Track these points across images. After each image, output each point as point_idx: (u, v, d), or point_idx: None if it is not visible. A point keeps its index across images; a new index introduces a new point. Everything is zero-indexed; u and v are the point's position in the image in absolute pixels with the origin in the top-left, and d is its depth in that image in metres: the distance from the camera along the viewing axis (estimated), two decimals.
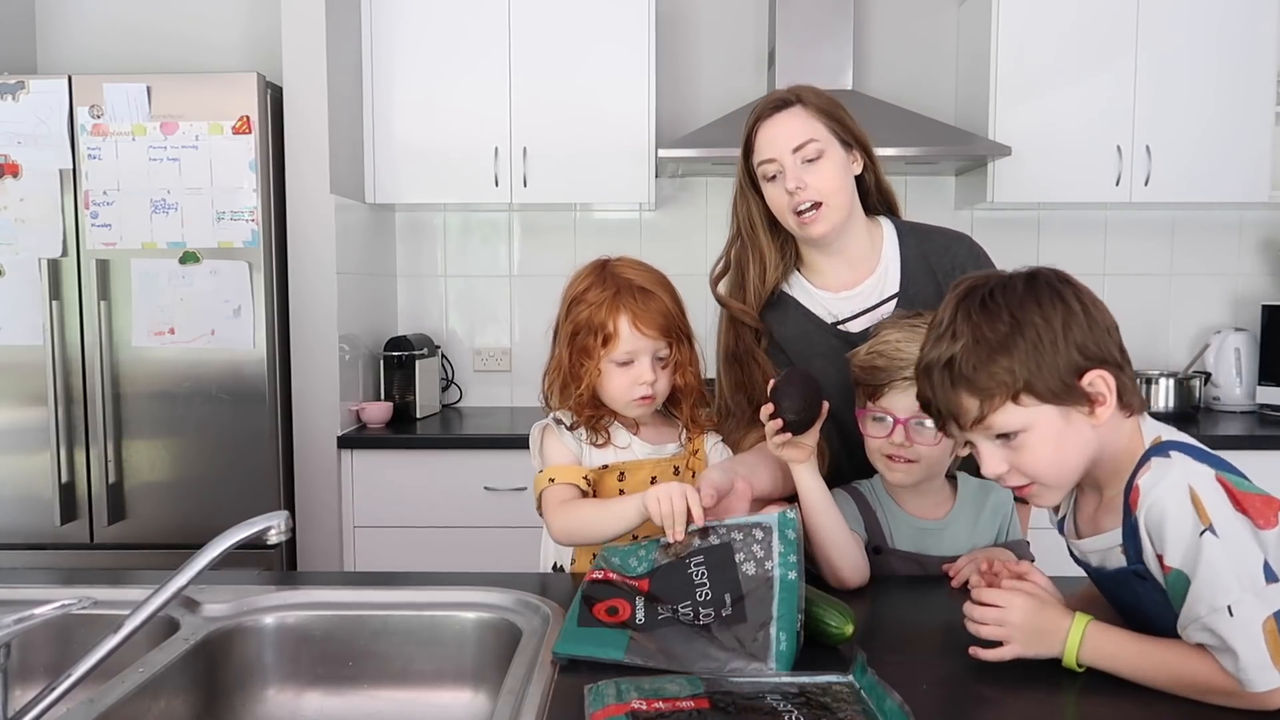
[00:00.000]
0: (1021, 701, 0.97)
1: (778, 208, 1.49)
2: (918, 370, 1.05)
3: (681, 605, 1.10)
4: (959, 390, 0.99)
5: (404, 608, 1.26)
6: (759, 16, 3.17)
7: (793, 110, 1.47)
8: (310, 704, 1.22)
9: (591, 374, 1.37)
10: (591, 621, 1.10)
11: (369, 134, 2.91)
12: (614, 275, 1.39)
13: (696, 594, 1.11)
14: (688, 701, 0.90)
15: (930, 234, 1.59)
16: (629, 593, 1.13)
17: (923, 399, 1.05)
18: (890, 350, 1.32)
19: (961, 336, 0.99)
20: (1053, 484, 1.02)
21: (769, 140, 1.47)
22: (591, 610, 1.12)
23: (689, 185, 3.27)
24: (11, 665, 0.87)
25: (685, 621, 1.08)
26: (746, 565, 1.11)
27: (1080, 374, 0.97)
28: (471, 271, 3.30)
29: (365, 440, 2.73)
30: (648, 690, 0.93)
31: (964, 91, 3.13)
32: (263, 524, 0.90)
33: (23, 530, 2.56)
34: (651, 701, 0.90)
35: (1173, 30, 2.82)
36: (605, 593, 1.14)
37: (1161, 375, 3.00)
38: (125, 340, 2.53)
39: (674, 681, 0.96)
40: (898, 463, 1.34)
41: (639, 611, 1.11)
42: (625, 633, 1.08)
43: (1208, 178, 2.86)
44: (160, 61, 3.12)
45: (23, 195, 2.51)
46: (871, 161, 1.54)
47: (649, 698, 0.91)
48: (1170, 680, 0.95)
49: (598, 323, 1.35)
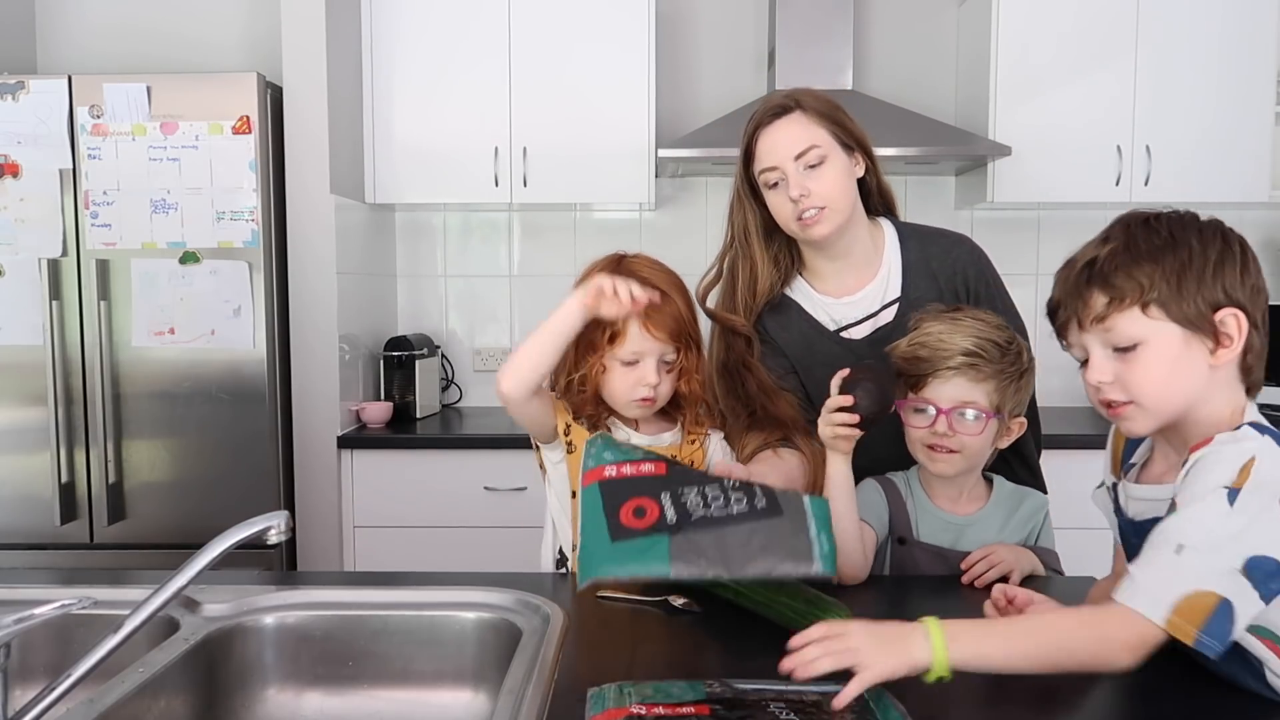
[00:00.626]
0: (1022, 701, 0.97)
1: (781, 215, 1.48)
2: (1061, 272, 1.03)
3: (709, 487, 1.03)
4: (1092, 287, 0.97)
5: (404, 608, 1.26)
6: (759, 16, 3.17)
7: (792, 116, 1.46)
8: (310, 704, 1.22)
9: (595, 370, 1.36)
10: (624, 532, 0.99)
11: (369, 134, 2.91)
12: (630, 272, 1.37)
13: (724, 481, 1.05)
14: (689, 708, 0.88)
15: (932, 237, 1.59)
16: (650, 485, 1.03)
17: (1051, 302, 1.03)
18: (933, 341, 1.34)
19: (1114, 241, 0.98)
20: (1150, 408, 0.97)
21: (769, 148, 1.46)
22: (619, 516, 1.00)
23: (689, 185, 3.27)
24: (11, 665, 0.87)
25: (718, 514, 1.00)
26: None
27: (1216, 309, 0.94)
28: (471, 271, 3.30)
29: (365, 440, 2.73)
30: (650, 696, 0.91)
31: (964, 91, 3.13)
32: (263, 524, 0.90)
33: (23, 530, 2.56)
34: (651, 706, 0.88)
35: (1173, 30, 2.82)
36: (624, 491, 1.03)
37: None
38: (125, 340, 2.53)
39: (676, 685, 0.94)
40: (939, 453, 1.34)
41: (668, 509, 1.00)
42: (663, 537, 0.98)
43: (1208, 177, 2.86)
44: (160, 61, 3.12)
45: (23, 195, 2.51)
46: (872, 163, 1.53)
47: (649, 703, 0.89)
48: (1042, 654, 0.92)
49: (607, 320, 1.34)
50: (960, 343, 1.32)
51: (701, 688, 0.93)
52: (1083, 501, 1.20)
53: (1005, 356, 1.34)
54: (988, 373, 1.32)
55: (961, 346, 1.32)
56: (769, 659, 1.03)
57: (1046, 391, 1.57)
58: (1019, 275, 3.28)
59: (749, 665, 1.03)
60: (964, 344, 1.32)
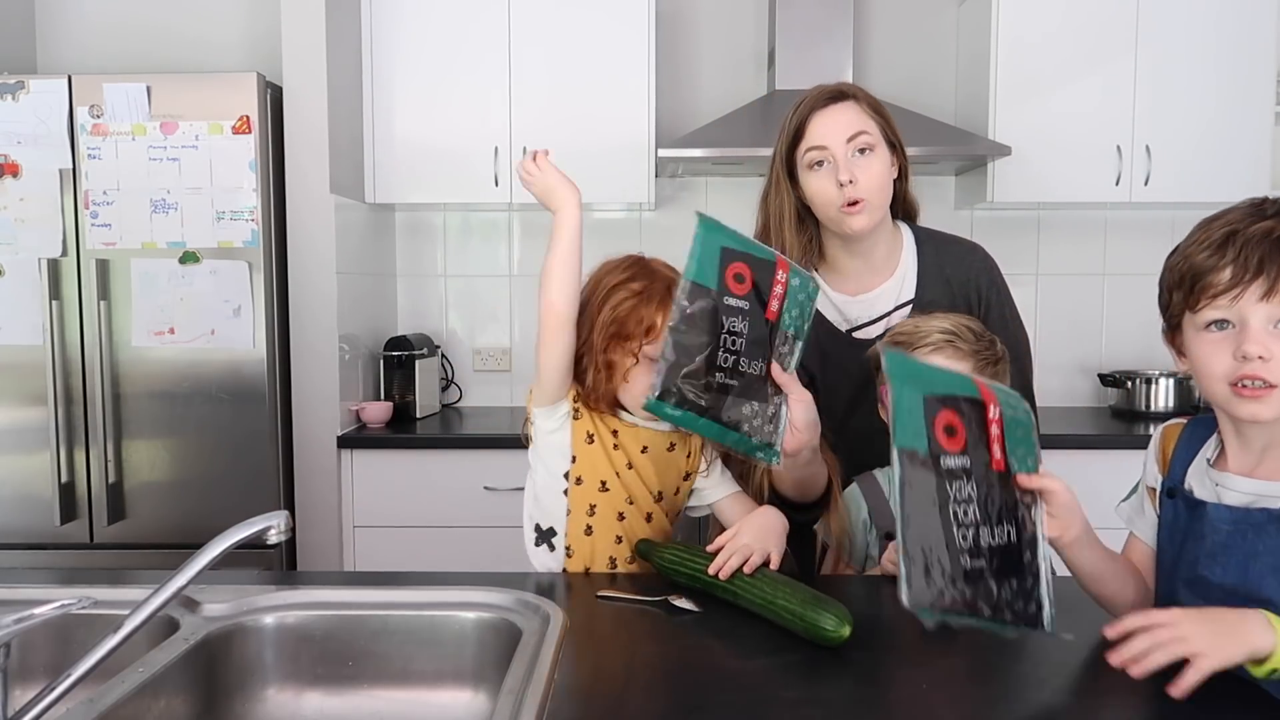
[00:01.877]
0: (1023, 702, 0.97)
1: (823, 198, 1.48)
2: (1245, 229, 0.99)
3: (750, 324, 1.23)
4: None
5: (404, 608, 1.26)
6: (759, 16, 3.17)
7: (848, 104, 1.48)
8: (310, 704, 1.22)
9: (624, 365, 1.34)
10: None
11: (369, 134, 2.91)
12: (656, 271, 1.38)
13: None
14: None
15: (947, 244, 1.60)
16: (759, 266, 1.24)
17: (1222, 260, 0.98)
18: (910, 327, 1.40)
19: None
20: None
21: (823, 128, 1.47)
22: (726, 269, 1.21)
23: (689, 185, 3.27)
24: (11, 665, 0.87)
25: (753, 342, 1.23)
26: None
27: None
28: (471, 271, 3.30)
29: (365, 440, 2.73)
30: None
31: (964, 91, 3.13)
32: (262, 524, 0.90)
33: (23, 530, 2.56)
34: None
35: (1172, 30, 2.82)
36: (737, 256, 1.23)
37: (1161, 375, 3.00)
38: (125, 340, 2.53)
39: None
40: None
41: (753, 300, 1.24)
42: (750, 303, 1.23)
43: (1208, 177, 2.86)
44: (160, 61, 3.12)
45: (23, 195, 2.51)
46: (905, 167, 1.55)
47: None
48: None
49: (645, 314, 1.33)
50: (937, 324, 1.38)
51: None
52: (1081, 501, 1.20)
53: (980, 340, 1.38)
54: (965, 350, 1.36)
55: (939, 326, 1.38)
56: (769, 659, 1.04)
57: (1046, 391, 1.57)
58: (1019, 275, 3.28)
59: (749, 665, 1.03)
60: (941, 324, 1.38)
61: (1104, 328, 3.25)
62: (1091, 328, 3.24)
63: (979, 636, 1.15)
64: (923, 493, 0.90)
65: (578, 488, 1.41)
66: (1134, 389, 3.01)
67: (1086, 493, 1.20)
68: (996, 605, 0.92)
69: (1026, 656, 1.10)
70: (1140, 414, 2.98)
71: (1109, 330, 3.25)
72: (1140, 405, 2.99)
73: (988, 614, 0.91)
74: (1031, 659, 1.07)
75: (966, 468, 0.93)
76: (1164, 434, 1.15)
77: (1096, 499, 1.42)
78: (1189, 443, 1.11)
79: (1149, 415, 2.96)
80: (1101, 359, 3.24)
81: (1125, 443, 2.62)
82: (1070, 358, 3.24)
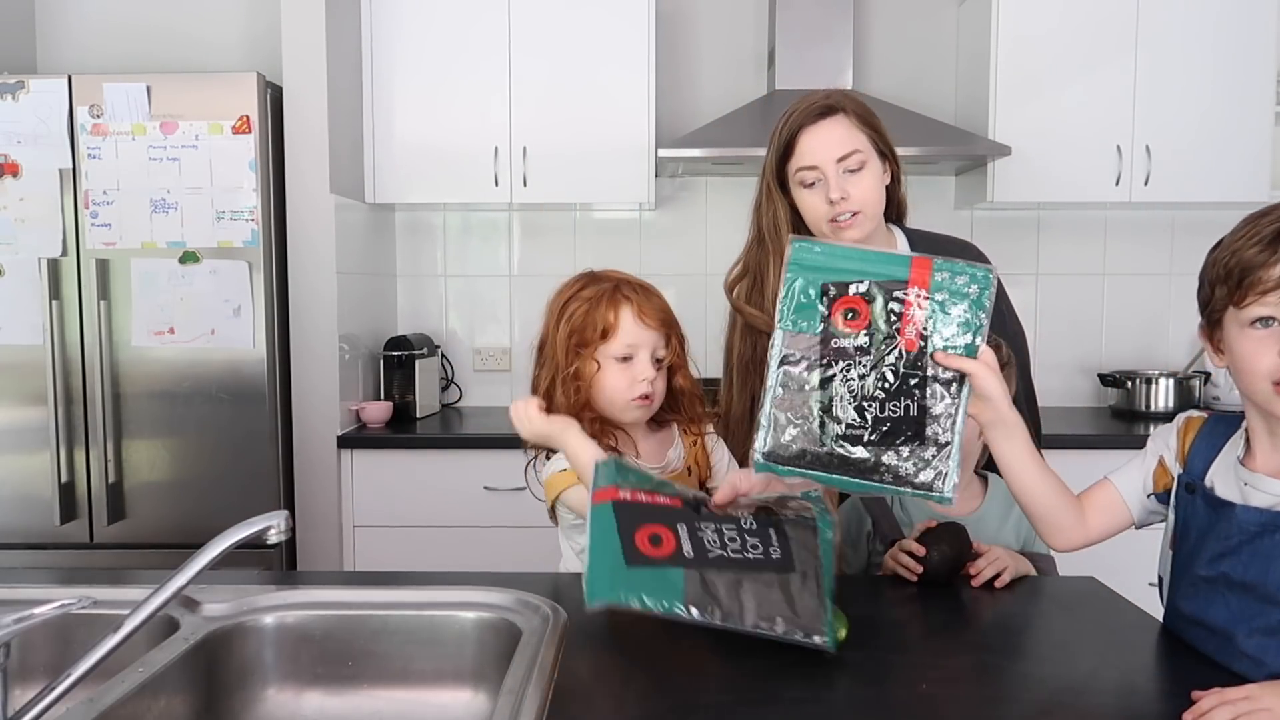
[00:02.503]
0: (1023, 702, 0.97)
1: (814, 215, 1.48)
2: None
3: (725, 526, 1.07)
4: None
5: (404, 608, 1.26)
6: (759, 16, 3.17)
7: (837, 119, 1.46)
8: (310, 704, 1.22)
9: (589, 368, 1.33)
10: (639, 558, 1.01)
11: (369, 134, 2.91)
12: (604, 275, 1.38)
13: (740, 521, 1.09)
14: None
15: (939, 243, 1.61)
16: (666, 514, 1.06)
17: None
18: None
19: None
20: None
21: (812, 148, 1.46)
22: (633, 540, 1.01)
23: (689, 185, 3.27)
24: (11, 665, 0.87)
25: (734, 555, 1.04)
26: (786, 514, 1.13)
27: None
28: (471, 271, 3.30)
29: (365, 440, 2.73)
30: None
31: (964, 91, 3.13)
32: (262, 524, 0.90)
33: (22, 530, 2.56)
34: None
35: (1172, 30, 2.82)
36: (639, 516, 1.04)
37: (1161, 375, 3.01)
38: (125, 340, 2.53)
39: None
40: None
41: (684, 542, 1.03)
42: (678, 570, 1.00)
43: (1207, 177, 2.86)
44: (160, 61, 3.12)
45: (23, 195, 2.51)
46: (898, 171, 1.55)
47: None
48: None
49: (597, 316, 1.33)
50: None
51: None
52: None
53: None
54: None
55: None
56: (769, 660, 1.04)
57: (1046, 391, 1.57)
58: (1019, 275, 3.30)
59: (748, 666, 1.03)
60: None
61: (1104, 328, 3.25)
62: (1091, 328, 3.24)
63: (979, 636, 1.16)
64: (802, 366, 1.01)
65: None
66: (1134, 389, 3.01)
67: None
68: (874, 468, 1.01)
69: (1027, 656, 1.10)
70: (1140, 414, 2.98)
71: (1109, 330, 3.25)
72: (1140, 405, 2.99)
73: (855, 476, 1.01)
74: (1032, 659, 1.07)
75: (863, 346, 1.01)
76: (1185, 424, 1.13)
77: None
78: (1209, 439, 1.10)
79: (1149, 415, 2.96)
80: (1101, 359, 3.24)
81: (1125, 443, 2.63)
82: (1070, 358, 3.24)
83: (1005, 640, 1.15)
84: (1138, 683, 0.98)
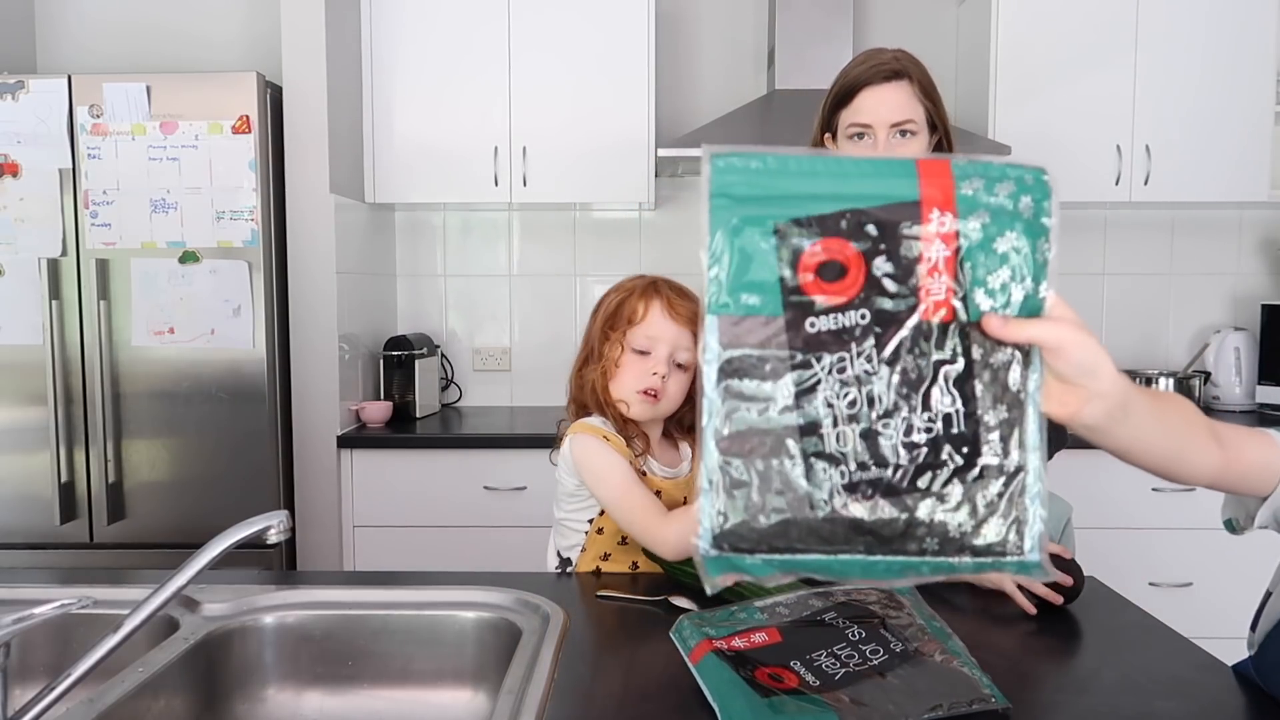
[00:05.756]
0: (1023, 702, 0.97)
1: None
2: None
3: (837, 647, 0.92)
4: None
5: (404, 607, 1.26)
6: (759, 16, 3.17)
7: (902, 84, 1.48)
8: (310, 704, 1.22)
9: (613, 351, 1.39)
10: (772, 692, 0.87)
11: (369, 133, 2.91)
12: (654, 276, 1.45)
13: (849, 633, 0.95)
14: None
15: None
16: (774, 653, 0.93)
17: None
18: None
19: None
20: None
21: (872, 106, 1.47)
22: (757, 679, 0.88)
23: (689, 185, 3.27)
24: (11, 665, 0.87)
25: (858, 668, 0.90)
26: (873, 608, 1.01)
27: None
28: (471, 271, 3.30)
29: (365, 440, 2.73)
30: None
31: (964, 91, 3.14)
32: (262, 523, 0.90)
33: (22, 530, 2.56)
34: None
35: (1172, 30, 2.83)
36: (749, 660, 0.92)
37: (1161, 374, 3.01)
38: (125, 340, 2.53)
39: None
40: None
41: (805, 675, 0.89)
42: (816, 698, 0.85)
43: (1207, 177, 2.86)
44: (160, 61, 3.12)
45: (22, 195, 2.51)
46: (949, 146, 1.55)
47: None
48: None
49: (629, 304, 1.40)
50: None
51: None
52: (1103, 503, 1.19)
53: None
54: None
55: None
56: None
57: None
58: None
59: None
60: None
61: (1104, 328, 3.25)
62: (1091, 327, 3.21)
63: (979, 636, 1.16)
64: (759, 375, 0.61)
65: (598, 536, 1.43)
66: None
67: (1092, 495, 1.19)
68: (907, 532, 0.62)
69: (1027, 656, 1.10)
70: None
71: (1109, 329, 3.25)
72: None
73: (878, 552, 0.62)
74: (1032, 658, 1.07)
75: (861, 325, 0.62)
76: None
77: (1101, 501, 1.43)
78: None
79: None
80: None
81: None
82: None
83: (1005, 640, 1.15)
84: (1139, 682, 0.98)
